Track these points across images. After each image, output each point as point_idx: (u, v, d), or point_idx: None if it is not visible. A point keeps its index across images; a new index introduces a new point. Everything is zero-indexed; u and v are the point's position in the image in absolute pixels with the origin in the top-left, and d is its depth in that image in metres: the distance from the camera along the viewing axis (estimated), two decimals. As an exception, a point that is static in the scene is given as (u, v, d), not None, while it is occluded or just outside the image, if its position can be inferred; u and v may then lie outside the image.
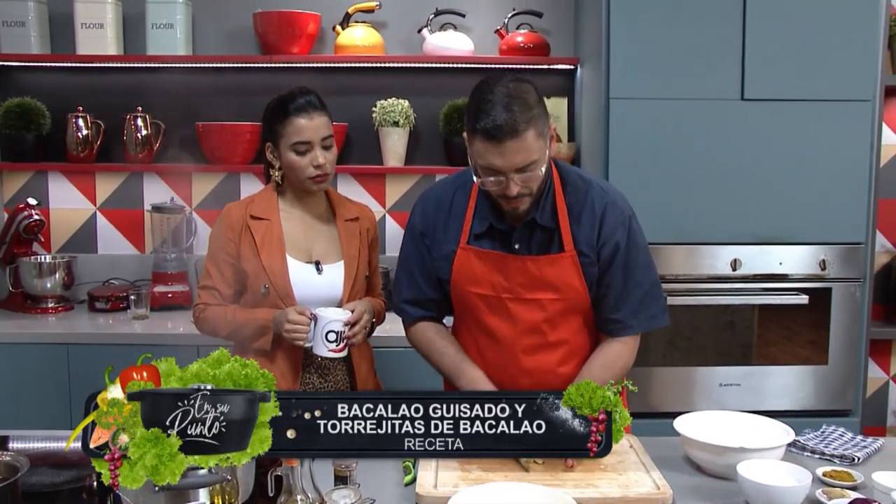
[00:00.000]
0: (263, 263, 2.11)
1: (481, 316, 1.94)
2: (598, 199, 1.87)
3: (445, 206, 1.96)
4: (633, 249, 1.89)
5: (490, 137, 1.69)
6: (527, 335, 1.91)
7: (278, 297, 2.11)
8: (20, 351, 2.94)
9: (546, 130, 1.76)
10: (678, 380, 2.89)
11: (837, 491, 1.65)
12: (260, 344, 2.11)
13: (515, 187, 1.75)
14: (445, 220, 1.95)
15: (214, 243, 2.18)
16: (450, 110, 3.31)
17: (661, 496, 1.63)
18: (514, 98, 1.70)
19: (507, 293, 1.89)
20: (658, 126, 2.81)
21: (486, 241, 1.90)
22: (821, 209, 2.85)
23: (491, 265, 1.89)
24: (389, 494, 1.67)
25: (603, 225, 1.86)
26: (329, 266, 2.18)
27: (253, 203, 2.19)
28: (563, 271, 1.86)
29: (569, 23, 3.41)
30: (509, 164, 1.71)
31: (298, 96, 2.11)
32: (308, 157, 2.09)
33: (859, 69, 2.81)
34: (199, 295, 2.20)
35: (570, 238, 1.86)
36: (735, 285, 2.87)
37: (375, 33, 3.31)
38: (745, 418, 1.93)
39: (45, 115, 3.34)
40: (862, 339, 2.92)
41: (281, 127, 2.10)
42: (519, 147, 1.70)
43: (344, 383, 2.22)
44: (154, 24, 3.24)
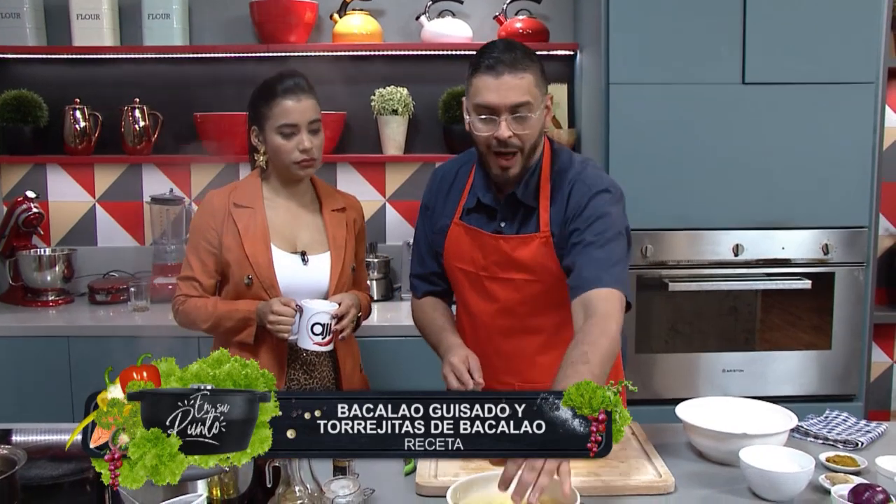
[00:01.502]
0: (247, 253, 2.05)
1: (464, 293, 1.96)
2: (570, 178, 1.85)
3: (449, 180, 1.99)
4: (598, 216, 1.79)
5: (490, 70, 1.74)
6: (503, 315, 1.91)
7: (262, 289, 2.06)
8: (21, 344, 2.93)
9: (543, 88, 1.80)
10: (680, 366, 2.88)
11: (841, 476, 1.64)
12: (242, 337, 2.05)
13: (507, 130, 1.75)
14: (446, 195, 1.98)
15: (195, 232, 2.12)
16: (449, 98, 3.29)
17: (662, 483, 1.63)
18: (518, 46, 1.79)
19: (484, 271, 1.91)
20: (658, 111, 2.79)
21: (475, 218, 1.92)
22: (823, 193, 2.83)
23: (473, 242, 1.91)
24: (389, 484, 1.66)
25: (569, 200, 1.83)
26: (315, 257, 2.12)
27: (236, 190, 2.13)
28: (536, 252, 1.85)
29: (568, 8, 3.39)
30: (504, 99, 1.74)
31: (287, 78, 2.06)
32: (294, 140, 2.04)
33: (862, 51, 2.79)
34: (179, 286, 2.13)
35: (546, 218, 1.85)
36: (737, 271, 2.85)
37: (373, 21, 3.29)
38: (748, 404, 1.91)
39: (42, 107, 3.32)
40: (865, 324, 2.90)
41: (267, 109, 2.04)
42: (516, 83, 1.74)
43: (329, 379, 2.17)
44: (150, 14, 3.22)
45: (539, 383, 1.87)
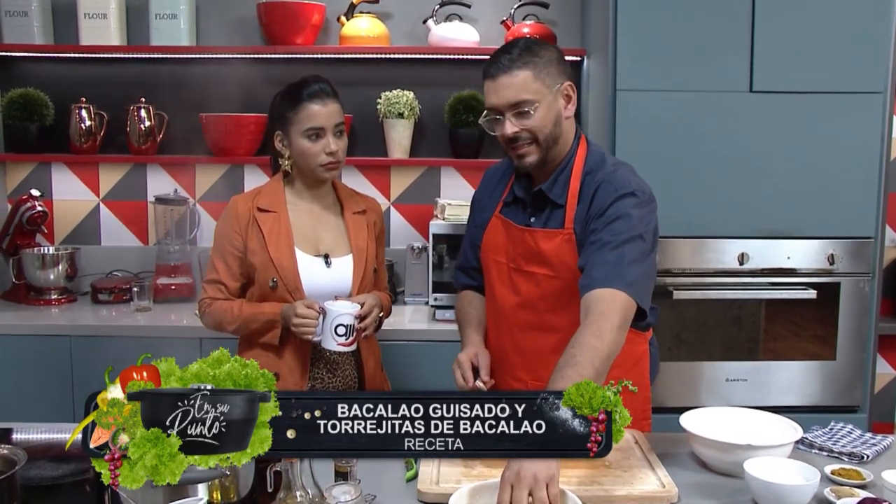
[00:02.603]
0: (272, 256, 2.10)
1: (493, 284, 2.02)
2: (599, 179, 1.87)
3: (497, 176, 2.08)
4: (617, 216, 1.80)
5: (487, 75, 1.85)
6: (524, 310, 1.95)
7: (287, 291, 2.10)
8: (23, 342, 2.93)
9: (551, 80, 1.84)
10: (684, 375, 2.87)
11: (846, 489, 1.62)
12: (268, 338, 2.11)
13: (511, 127, 1.83)
14: (492, 190, 2.06)
15: (220, 237, 2.17)
16: (455, 102, 3.28)
17: (666, 494, 1.61)
18: (519, 46, 1.84)
19: (512, 263, 1.97)
20: (665, 118, 2.78)
21: (511, 211, 1.99)
22: (829, 203, 2.82)
23: (507, 233, 1.98)
24: (390, 490, 1.65)
25: (593, 200, 1.86)
26: (338, 259, 2.17)
27: (259, 195, 2.18)
28: (558, 248, 1.88)
29: (575, 13, 3.38)
30: (501, 99, 1.83)
31: (312, 83, 2.11)
32: (320, 143, 2.09)
33: (870, 60, 2.77)
34: (205, 289, 2.18)
35: (571, 216, 1.89)
36: (742, 279, 2.84)
37: (380, 24, 3.29)
38: (752, 415, 1.90)
39: (48, 105, 3.32)
40: (870, 335, 2.88)
41: (293, 113, 2.09)
42: (510, 83, 1.81)
43: (352, 378, 2.21)
44: (158, 14, 3.22)
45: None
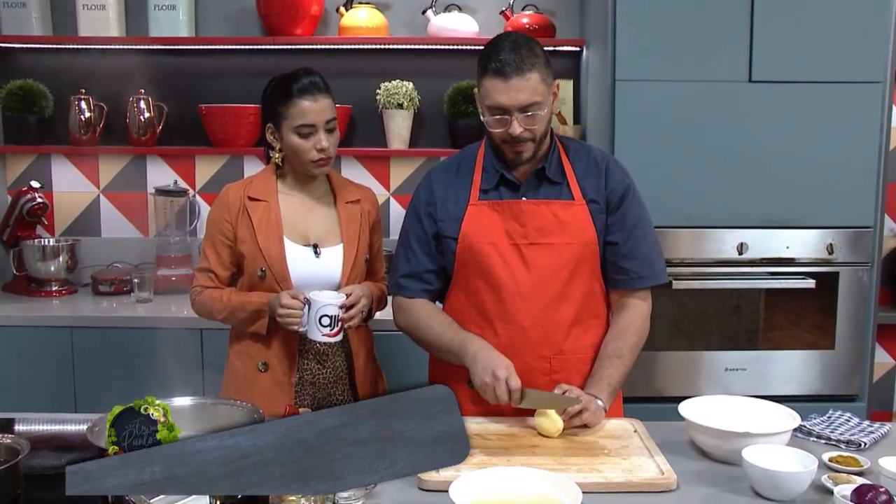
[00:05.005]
0: (260, 246, 2.09)
1: (491, 267, 1.95)
2: (601, 157, 2.04)
3: (452, 171, 2.05)
4: (638, 204, 2.03)
5: (498, 74, 1.84)
6: (544, 282, 1.95)
7: (275, 281, 2.09)
8: (24, 334, 2.94)
9: (549, 80, 1.90)
10: (683, 364, 2.88)
11: (844, 476, 1.63)
12: (255, 328, 2.09)
13: (518, 127, 1.87)
14: (451, 184, 2.03)
15: (211, 225, 2.16)
16: (454, 92, 3.28)
17: (665, 481, 1.62)
18: (521, 44, 1.87)
19: (524, 238, 1.95)
20: (664, 109, 2.78)
21: (495, 195, 1.99)
22: (829, 192, 2.82)
23: (506, 213, 1.96)
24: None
25: (608, 176, 2.00)
26: (327, 249, 2.15)
27: (251, 184, 2.16)
28: (576, 215, 1.96)
29: (574, 4, 3.38)
30: (514, 101, 1.85)
31: (302, 76, 2.07)
32: (311, 140, 2.06)
33: (870, 50, 2.77)
34: (196, 277, 2.18)
35: (577, 189, 1.98)
36: (741, 269, 2.84)
37: (379, 15, 3.28)
38: (751, 403, 1.91)
39: (47, 97, 3.32)
40: (869, 324, 2.89)
41: (284, 108, 2.07)
42: (523, 85, 1.84)
43: (342, 370, 2.19)
44: (156, 5, 3.21)
45: (571, 355, 1.97)
